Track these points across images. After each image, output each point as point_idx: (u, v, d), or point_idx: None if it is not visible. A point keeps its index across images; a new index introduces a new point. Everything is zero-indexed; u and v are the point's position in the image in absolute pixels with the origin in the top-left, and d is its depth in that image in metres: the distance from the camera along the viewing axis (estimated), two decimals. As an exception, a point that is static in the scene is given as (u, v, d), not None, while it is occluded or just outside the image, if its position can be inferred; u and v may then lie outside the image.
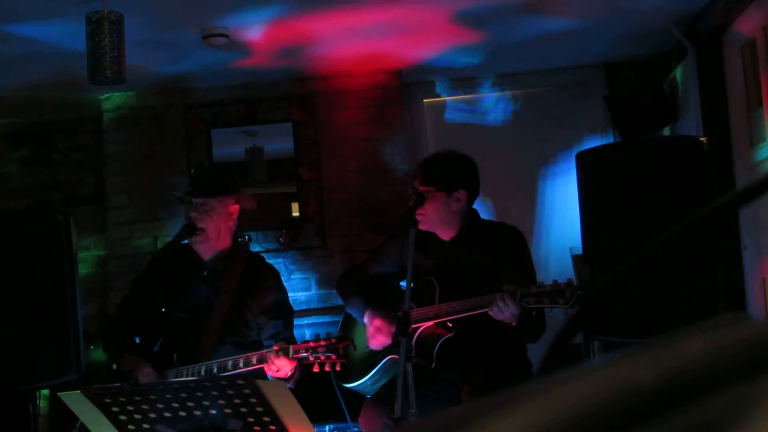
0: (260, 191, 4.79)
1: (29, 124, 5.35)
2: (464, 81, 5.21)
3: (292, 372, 2.83)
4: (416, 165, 3.28)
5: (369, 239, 4.63)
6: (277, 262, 4.57)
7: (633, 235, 2.93)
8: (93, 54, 3.28)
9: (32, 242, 3.37)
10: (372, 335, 3.07)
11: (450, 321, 2.90)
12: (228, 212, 3.16)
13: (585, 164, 3.18)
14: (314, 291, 4.90)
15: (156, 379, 2.83)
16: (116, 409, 2.37)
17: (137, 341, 3.20)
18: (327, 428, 3.79)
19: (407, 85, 5.13)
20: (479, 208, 3.26)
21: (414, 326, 2.79)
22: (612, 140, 5.00)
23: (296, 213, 4.97)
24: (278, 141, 5.00)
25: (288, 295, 3.30)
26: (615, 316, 2.93)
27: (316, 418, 2.65)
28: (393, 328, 2.92)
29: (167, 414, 2.34)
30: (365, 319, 3.11)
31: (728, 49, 4.18)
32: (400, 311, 2.58)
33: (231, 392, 2.25)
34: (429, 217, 3.04)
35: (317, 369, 2.73)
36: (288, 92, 4.98)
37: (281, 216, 4.97)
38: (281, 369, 2.77)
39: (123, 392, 2.36)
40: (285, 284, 3.32)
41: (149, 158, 5.02)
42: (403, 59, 4.74)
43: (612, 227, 3.07)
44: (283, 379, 2.78)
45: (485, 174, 3.28)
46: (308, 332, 4.51)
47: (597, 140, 4.97)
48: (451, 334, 2.91)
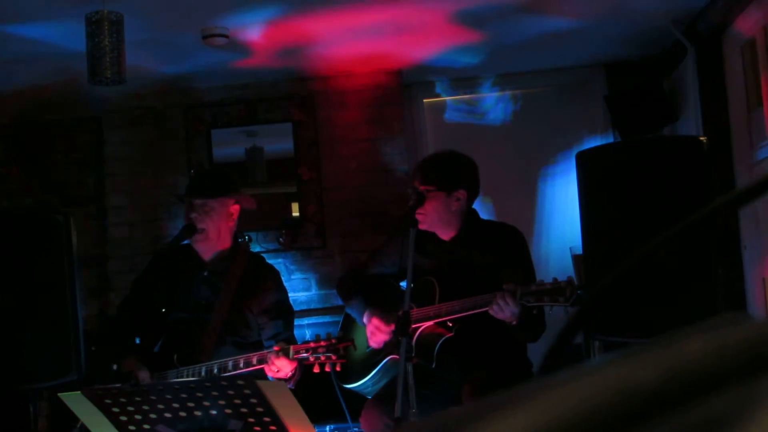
0: (260, 191, 4.79)
1: (29, 124, 5.35)
2: (464, 81, 5.21)
3: (293, 372, 2.83)
4: (416, 165, 3.28)
5: (369, 239, 4.63)
6: (277, 263, 4.57)
7: (633, 235, 2.93)
8: (93, 54, 3.28)
9: (32, 242, 3.37)
10: (371, 333, 3.07)
11: (450, 321, 2.90)
12: (228, 212, 3.16)
13: (585, 164, 3.18)
14: (314, 291, 4.90)
15: (151, 382, 2.83)
16: (117, 410, 2.37)
17: (137, 342, 3.20)
18: (327, 428, 3.79)
19: (407, 85, 5.13)
20: (479, 208, 3.26)
21: (414, 326, 2.80)
22: (612, 140, 5.00)
23: (296, 213, 4.97)
24: (278, 141, 5.00)
25: (288, 296, 3.30)
26: (615, 316, 2.93)
27: (317, 419, 2.65)
28: (391, 327, 2.93)
29: (168, 414, 2.34)
30: (364, 319, 3.11)
31: (728, 49, 4.18)
32: (400, 311, 2.58)
33: (231, 392, 2.25)
34: (429, 217, 3.04)
35: (317, 369, 2.72)
36: (288, 92, 4.98)
37: (281, 216, 4.97)
38: (281, 369, 2.77)
39: (123, 393, 2.36)
40: (285, 284, 3.32)
41: (149, 158, 5.02)
42: (403, 59, 4.75)
43: (612, 227, 3.07)
44: (284, 380, 2.78)
45: (485, 174, 3.28)
46: (308, 332, 4.51)
47: (597, 140, 4.97)
48: (452, 334, 2.91)
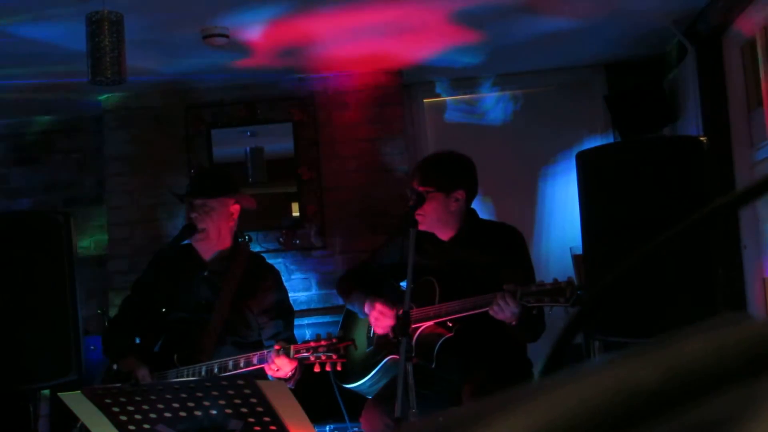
0: (260, 191, 4.79)
1: (29, 124, 5.36)
2: (464, 81, 5.21)
3: (293, 372, 2.83)
4: (415, 166, 3.27)
5: (369, 239, 4.63)
6: (277, 262, 4.57)
7: (633, 235, 2.93)
8: (93, 54, 3.28)
9: (32, 242, 3.37)
10: (376, 319, 3.02)
11: (450, 321, 2.90)
12: (228, 212, 3.16)
13: (585, 164, 3.18)
14: (314, 291, 4.90)
15: (152, 381, 2.83)
16: (117, 410, 2.37)
17: (138, 342, 3.20)
18: (327, 428, 3.79)
19: (407, 85, 5.13)
20: (479, 208, 3.25)
21: (414, 326, 2.79)
22: (612, 140, 5.00)
23: (296, 213, 4.97)
24: (278, 141, 5.00)
25: (288, 295, 3.30)
26: (615, 316, 2.93)
27: (317, 418, 2.65)
28: (395, 311, 2.90)
29: (168, 414, 2.34)
30: (366, 309, 3.07)
31: (728, 49, 4.18)
32: (400, 311, 2.57)
33: (231, 392, 2.25)
34: (428, 218, 3.03)
35: (318, 369, 2.72)
36: (288, 92, 4.98)
37: (281, 216, 4.97)
38: (281, 368, 2.77)
39: (123, 392, 2.36)
40: (285, 284, 3.32)
41: (149, 158, 5.02)
42: (403, 59, 4.75)
43: (612, 227, 3.07)
44: (284, 379, 2.78)
45: (485, 174, 3.28)
46: (308, 332, 4.51)
47: (597, 140, 4.97)
48: (452, 334, 2.91)
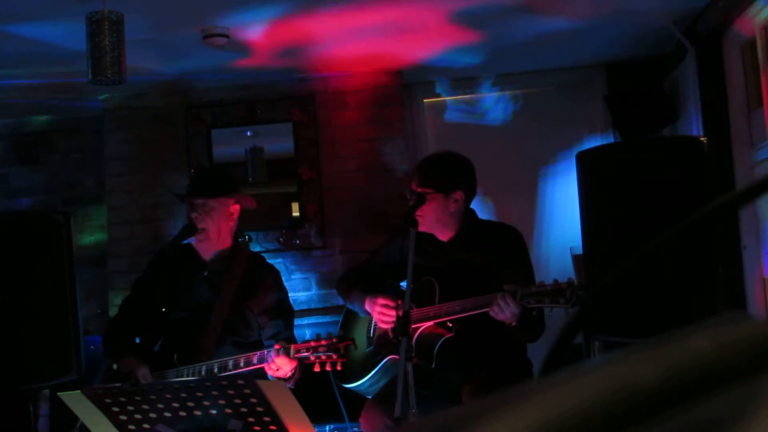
0: (260, 191, 4.79)
1: (29, 124, 5.36)
2: (464, 81, 5.21)
3: (293, 372, 2.83)
4: (413, 167, 3.26)
5: (369, 239, 4.63)
6: (277, 262, 4.57)
7: (633, 235, 2.92)
8: (93, 54, 3.28)
9: (32, 242, 3.37)
10: (380, 314, 3.00)
11: (450, 321, 2.90)
12: (228, 212, 3.16)
13: (585, 164, 3.18)
14: (314, 291, 4.90)
15: (152, 380, 2.83)
16: (117, 409, 2.37)
17: (138, 341, 3.20)
18: (327, 428, 3.79)
19: (407, 85, 5.13)
20: (480, 208, 3.25)
21: (414, 326, 2.79)
22: (612, 140, 5.00)
23: (296, 213, 4.97)
24: (278, 141, 5.00)
25: (288, 295, 3.30)
26: (615, 316, 2.93)
27: (317, 418, 2.65)
28: (399, 302, 2.89)
29: (167, 414, 2.34)
30: (366, 306, 3.06)
31: (728, 49, 4.18)
32: (400, 311, 2.57)
33: (231, 392, 2.25)
34: (427, 219, 3.03)
35: (318, 368, 2.72)
36: (288, 92, 4.98)
37: (281, 216, 4.97)
38: (281, 368, 2.77)
39: (123, 392, 2.36)
40: (285, 284, 3.32)
41: (149, 158, 5.02)
42: (403, 59, 4.74)
43: (612, 227, 3.07)
44: (283, 379, 2.78)
45: (485, 174, 3.27)
46: (308, 332, 4.51)
47: (597, 140, 4.97)
48: (452, 334, 2.91)
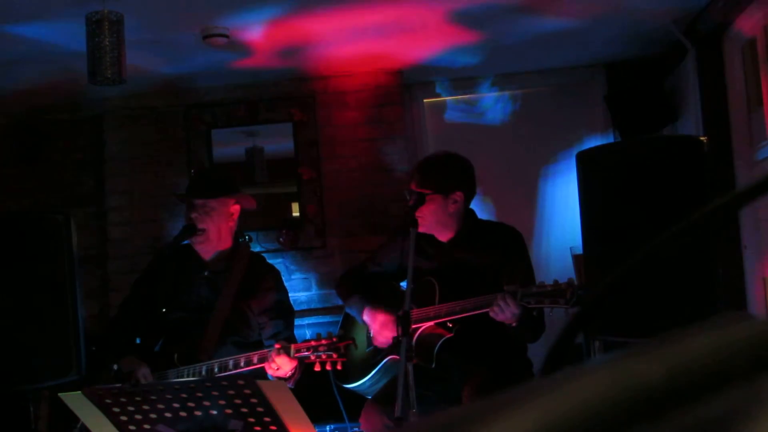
0: (260, 191, 4.79)
1: (29, 124, 5.35)
2: (464, 81, 5.21)
3: (293, 372, 2.83)
4: (413, 167, 3.26)
5: (369, 239, 4.63)
6: (278, 262, 4.57)
7: (633, 235, 2.92)
8: (93, 54, 3.28)
9: (32, 243, 3.37)
10: (377, 332, 3.03)
11: (450, 321, 2.90)
12: (228, 212, 3.16)
13: (585, 164, 3.18)
14: (314, 291, 4.90)
15: (152, 380, 2.83)
16: (117, 410, 2.37)
17: (138, 341, 3.20)
18: (327, 428, 3.79)
19: (407, 85, 5.13)
20: (480, 208, 3.25)
21: (414, 326, 2.79)
22: (612, 140, 5.00)
23: (296, 213, 4.97)
24: (278, 141, 5.00)
25: (288, 296, 3.29)
26: (615, 316, 2.93)
27: (317, 418, 2.65)
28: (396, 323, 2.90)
29: (168, 414, 2.34)
30: (365, 317, 3.08)
31: (728, 49, 4.18)
32: (401, 311, 2.57)
33: (232, 392, 2.25)
34: (426, 220, 3.02)
35: (318, 368, 2.72)
36: (288, 92, 4.98)
37: (281, 216, 4.97)
38: (281, 367, 2.77)
39: (124, 393, 2.36)
40: (285, 284, 3.31)
41: (149, 158, 5.02)
42: (403, 59, 4.75)
43: (612, 227, 3.07)
44: (284, 379, 2.78)
45: (485, 174, 3.28)
46: (308, 332, 4.51)
47: (597, 140, 4.97)
48: (452, 335, 2.91)
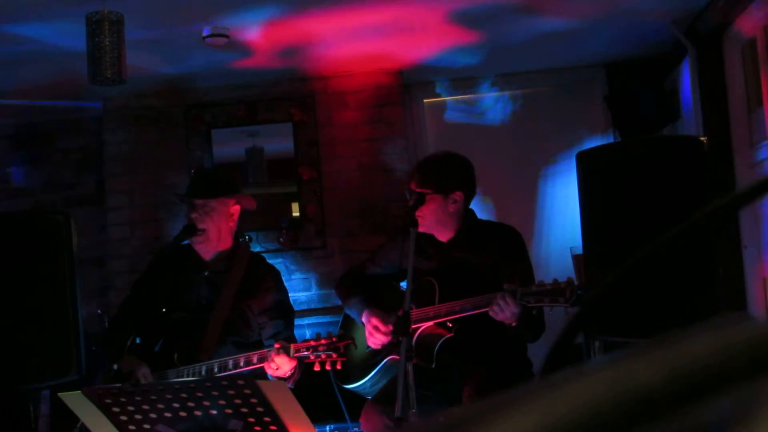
0: (260, 191, 4.79)
1: (30, 125, 5.36)
2: (464, 81, 5.21)
3: (292, 371, 2.83)
4: (412, 167, 3.26)
5: (369, 239, 4.63)
6: (278, 262, 4.57)
7: (633, 235, 2.92)
8: (93, 54, 3.28)
9: (32, 243, 3.36)
10: (369, 334, 3.07)
11: (450, 321, 2.90)
12: (229, 213, 3.15)
13: (585, 164, 3.18)
14: (314, 291, 4.91)
15: (152, 380, 2.83)
16: (117, 410, 2.37)
17: (138, 342, 3.20)
18: (327, 428, 3.79)
19: (407, 86, 5.13)
20: (480, 208, 3.25)
21: (414, 326, 2.79)
22: (612, 140, 5.00)
23: (296, 213, 4.97)
24: (278, 141, 5.00)
25: (288, 296, 3.29)
26: (615, 316, 2.93)
27: (317, 418, 2.65)
28: (389, 328, 2.93)
29: (168, 414, 2.34)
30: (363, 319, 3.10)
31: (728, 49, 4.18)
32: (400, 311, 2.57)
33: (232, 392, 2.25)
34: (426, 219, 3.02)
35: (318, 368, 2.72)
36: (288, 92, 4.98)
37: (281, 216, 4.97)
38: (281, 367, 2.77)
39: (124, 392, 2.36)
40: (285, 284, 3.31)
41: (149, 158, 5.02)
42: (403, 59, 4.75)
43: (612, 227, 3.07)
44: (283, 379, 2.78)
45: (485, 174, 3.28)
46: (308, 332, 4.51)
47: (597, 140, 4.97)
48: (452, 334, 2.91)
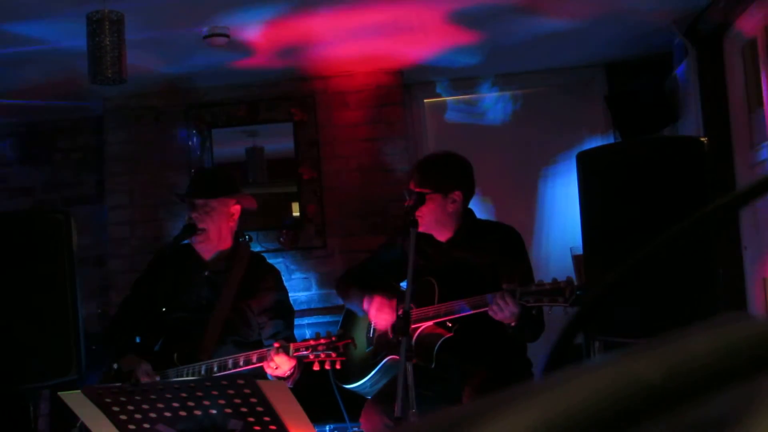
0: (260, 191, 4.79)
1: (30, 124, 5.36)
2: (464, 81, 5.21)
3: (292, 371, 2.83)
4: (411, 167, 3.26)
5: (369, 239, 4.63)
6: (278, 262, 4.57)
7: (633, 235, 2.93)
8: (93, 54, 3.28)
9: (33, 242, 3.37)
10: (375, 316, 3.02)
11: (450, 321, 2.90)
12: (229, 212, 3.16)
13: (585, 164, 3.18)
14: (314, 291, 4.91)
15: (154, 376, 2.83)
16: (117, 409, 2.37)
17: (138, 341, 3.20)
18: (327, 428, 3.79)
19: (407, 86, 5.13)
20: (479, 208, 3.25)
21: (413, 326, 2.79)
22: (612, 140, 5.00)
23: (296, 213, 4.97)
24: (278, 141, 5.00)
25: (288, 296, 3.29)
26: (615, 316, 2.93)
27: (317, 418, 2.65)
28: (394, 302, 2.91)
29: (168, 413, 2.34)
30: (364, 305, 3.07)
31: (729, 50, 4.18)
32: (400, 311, 2.57)
33: (231, 392, 2.25)
34: (426, 219, 3.02)
35: (317, 367, 2.72)
36: (288, 92, 4.98)
37: (281, 216, 4.97)
38: (280, 366, 2.76)
39: (123, 392, 2.36)
40: (285, 284, 3.31)
41: (149, 158, 5.02)
42: (403, 59, 4.75)
43: (612, 227, 3.07)
44: (283, 378, 2.78)
45: (485, 174, 3.28)
46: (308, 332, 4.51)
47: (597, 140, 4.97)
48: (451, 334, 2.91)
